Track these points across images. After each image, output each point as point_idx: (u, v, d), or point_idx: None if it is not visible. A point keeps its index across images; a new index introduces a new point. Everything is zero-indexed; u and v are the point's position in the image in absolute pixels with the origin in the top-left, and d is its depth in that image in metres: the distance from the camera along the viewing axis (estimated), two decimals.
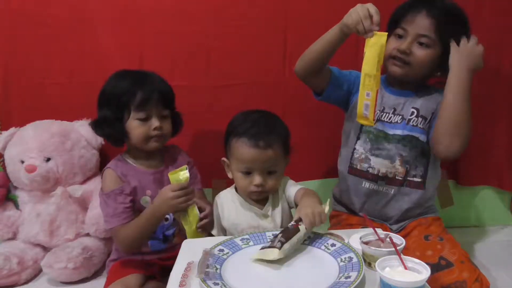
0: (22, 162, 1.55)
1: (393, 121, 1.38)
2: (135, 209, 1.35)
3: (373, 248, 0.95)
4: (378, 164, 1.38)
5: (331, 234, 1.09)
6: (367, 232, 1.01)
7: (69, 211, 1.58)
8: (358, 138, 1.41)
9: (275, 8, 1.64)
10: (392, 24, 1.37)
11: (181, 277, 0.94)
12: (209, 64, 1.67)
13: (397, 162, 1.37)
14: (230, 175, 1.28)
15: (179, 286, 0.91)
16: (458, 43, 1.29)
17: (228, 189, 1.32)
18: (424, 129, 1.37)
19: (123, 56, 1.67)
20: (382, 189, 1.39)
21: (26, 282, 1.51)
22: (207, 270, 0.92)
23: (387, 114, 1.39)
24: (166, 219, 1.39)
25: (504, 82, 1.70)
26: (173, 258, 1.08)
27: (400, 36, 1.34)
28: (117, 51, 1.67)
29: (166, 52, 1.66)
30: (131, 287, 1.28)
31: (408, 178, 1.38)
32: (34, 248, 1.57)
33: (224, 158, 1.29)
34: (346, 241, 1.04)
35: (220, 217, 1.28)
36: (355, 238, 1.04)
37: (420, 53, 1.31)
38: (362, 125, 1.38)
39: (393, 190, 1.39)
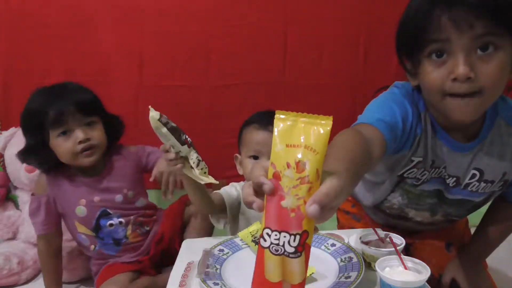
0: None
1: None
2: (70, 218, 1.33)
3: (373, 248, 0.95)
4: (415, 215, 1.13)
5: (331, 234, 1.09)
6: (367, 232, 1.01)
7: None
8: (392, 191, 1.08)
9: (275, 8, 1.64)
10: (410, 42, 0.83)
11: (181, 277, 0.94)
12: (209, 64, 1.67)
13: (439, 215, 1.12)
14: (240, 171, 1.24)
15: (179, 286, 0.91)
16: None
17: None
18: (485, 192, 1.02)
19: (123, 56, 1.67)
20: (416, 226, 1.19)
21: (26, 282, 1.51)
22: (207, 270, 0.92)
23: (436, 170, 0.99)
24: (111, 225, 1.35)
25: None
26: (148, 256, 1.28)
27: (439, 55, 0.80)
28: (117, 51, 1.67)
29: (166, 52, 1.66)
30: (122, 284, 1.28)
31: (450, 218, 1.16)
32: (34, 248, 1.56)
33: (236, 154, 1.27)
34: (346, 241, 1.04)
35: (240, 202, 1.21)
36: (355, 238, 1.04)
37: (491, 66, 0.77)
38: (399, 182, 1.03)
39: (428, 227, 1.19)
